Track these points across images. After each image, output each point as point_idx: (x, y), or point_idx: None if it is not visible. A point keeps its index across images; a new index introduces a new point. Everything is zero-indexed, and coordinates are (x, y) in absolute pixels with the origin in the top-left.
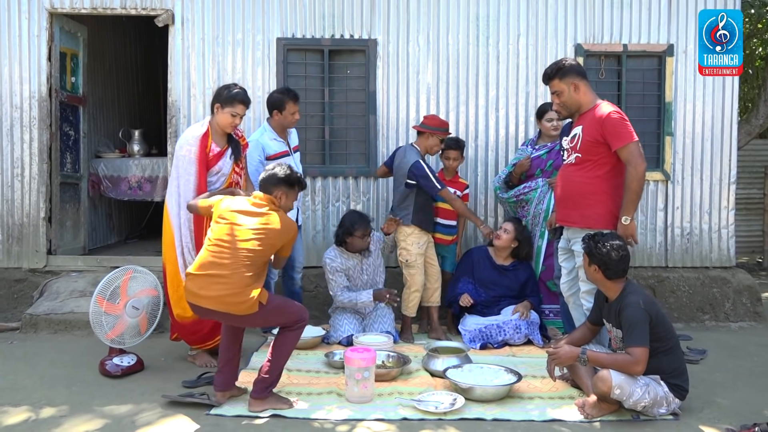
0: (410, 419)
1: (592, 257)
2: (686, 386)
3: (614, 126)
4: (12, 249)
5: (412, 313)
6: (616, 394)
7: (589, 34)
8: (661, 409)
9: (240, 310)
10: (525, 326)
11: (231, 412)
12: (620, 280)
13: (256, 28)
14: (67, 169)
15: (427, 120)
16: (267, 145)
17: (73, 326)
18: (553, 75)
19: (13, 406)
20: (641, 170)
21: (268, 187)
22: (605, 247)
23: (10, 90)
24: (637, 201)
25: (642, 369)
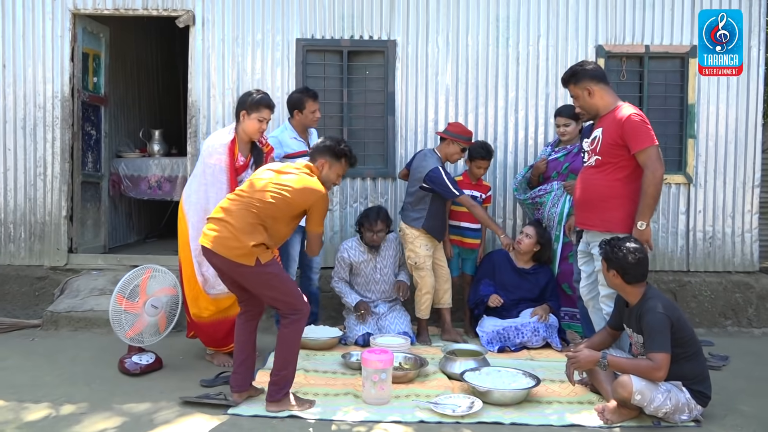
0: (427, 422)
1: (610, 262)
2: (709, 393)
3: (634, 128)
4: (34, 247)
5: (425, 315)
6: (637, 399)
7: (610, 35)
8: (682, 416)
9: (234, 255)
10: (543, 329)
11: (248, 412)
12: (640, 285)
13: (276, 28)
14: (88, 169)
15: (450, 127)
16: (286, 142)
17: (93, 324)
18: (568, 80)
19: (34, 403)
20: (659, 175)
21: (314, 154)
22: (622, 251)
23: (34, 90)
24: (654, 206)
25: (664, 375)
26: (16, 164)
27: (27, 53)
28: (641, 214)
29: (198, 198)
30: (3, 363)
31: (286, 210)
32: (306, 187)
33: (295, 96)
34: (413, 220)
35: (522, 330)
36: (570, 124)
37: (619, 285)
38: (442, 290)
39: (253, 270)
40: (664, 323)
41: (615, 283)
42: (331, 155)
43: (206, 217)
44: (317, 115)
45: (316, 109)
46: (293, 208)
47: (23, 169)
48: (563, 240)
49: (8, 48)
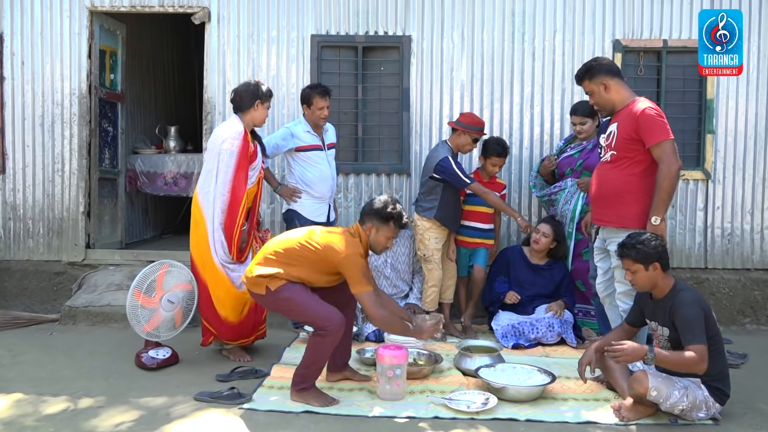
0: (442, 418)
1: (649, 257)
2: (728, 391)
3: (649, 122)
4: (52, 242)
5: (431, 307)
6: (653, 396)
7: (627, 29)
8: (700, 413)
9: (248, 284)
10: (558, 325)
11: (264, 407)
12: (670, 275)
13: (291, 25)
14: (105, 165)
15: (462, 117)
16: (299, 135)
17: (110, 319)
18: (582, 76)
19: (52, 396)
20: (674, 170)
21: (362, 217)
22: (652, 242)
23: (52, 87)
24: (669, 201)
25: (705, 367)
26: (34, 161)
27: (45, 51)
28: (655, 209)
29: (206, 186)
30: (22, 357)
31: (311, 258)
32: (329, 245)
33: (305, 91)
34: (425, 210)
35: (537, 325)
36: (586, 122)
37: (657, 277)
38: (445, 285)
39: (265, 297)
40: (700, 315)
41: (653, 276)
42: (379, 219)
43: (223, 208)
44: (325, 112)
45: (324, 106)
46: (319, 261)
47: (41, 165)
48: (576, 237)
49: (26, 45)
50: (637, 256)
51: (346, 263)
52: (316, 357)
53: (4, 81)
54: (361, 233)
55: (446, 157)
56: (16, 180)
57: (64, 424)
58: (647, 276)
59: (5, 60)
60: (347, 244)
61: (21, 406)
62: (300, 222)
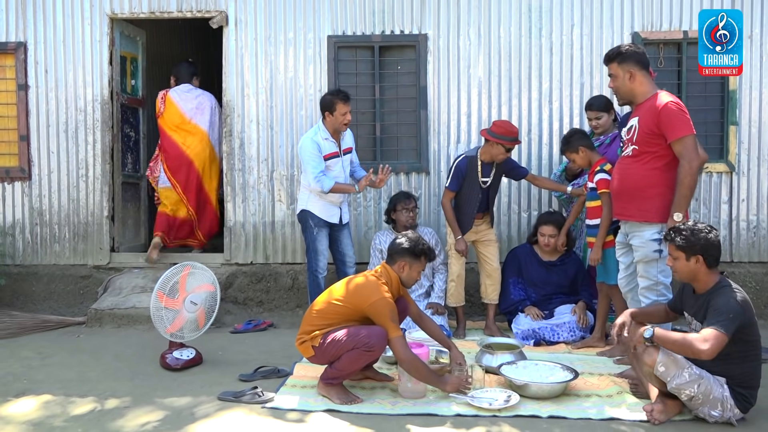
0: (464, 415)
1: (693, 248)
2: (752, 401)
3: (671, 117)
4: (78, 246)
5: (455, 302)
6: (660, 371)
7: (646, 21)
8: (713, 411)
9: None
10: (579, 328)
11: (286, 406)
12: (716, 270)
13: (308, 26)
14: (128, 170)
15: (495, 127)
16: (320, 144)
17: (135, 321)
18: (613, 58)
19: (80, 397)
20: (695, 165)
21: (393, 256)
22: (703, 233)
23: (75, 94)
24: (690, 197)
25: (709, 351)
26: (59, 166)
27: (68, 58)
28: (677, 205)
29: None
30: (50, 359)
31: (343, 312)
32: (353, 296)
33: (327, 98)
34: None
35: (558, 331)
36: (602, 116)
37: (700, 271)
38: (485, 285)
39: (317, 356)
40: (735, 309)
41: (694, 269)
42: (411, 256)
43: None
44: (348, 117)
45: (347, 111)
46: (350, 313)
47: (66, 171)
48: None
49: (50, 54)
50: (681, 242)
51: (373, 311)
52: (353, 366)
53: (28, 89)
54: (391, 273)
55: (463, 157)
56: (42, 186)
57: (92, 425)
58: (687, 267)
59: (29, 68)
60: (372, 290)
61: (50, 407)
62: (313, 221)
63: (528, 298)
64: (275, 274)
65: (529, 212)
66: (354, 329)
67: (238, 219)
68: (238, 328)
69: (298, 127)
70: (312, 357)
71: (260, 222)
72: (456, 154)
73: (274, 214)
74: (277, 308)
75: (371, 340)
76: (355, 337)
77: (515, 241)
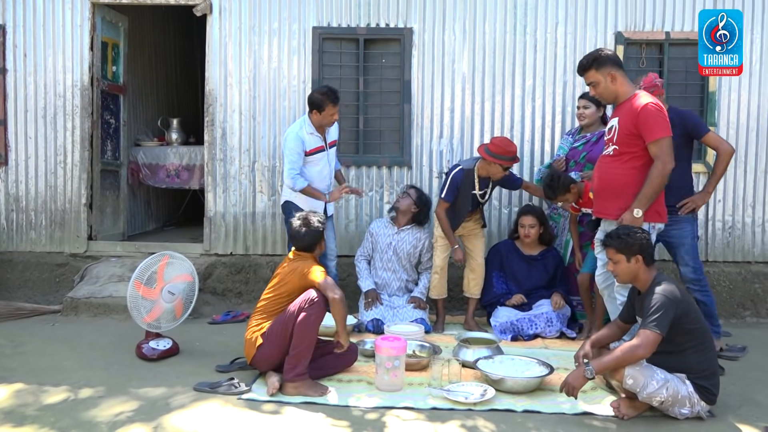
0: (440, 409)
1: (631, 249)
2: (715, 391)
3: (648, 118)
4: (54, 234)
5: (433, 295)
6: (629, 384)
7: (629, 21)
8: (683, 410)
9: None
10: (556, 318)
11: (263, 397)
12: (653, 268)
13: (292, 17)
14: (107, 157)
15: (493, 146)
16: (305, 139)
17: (112, 310)
18: (589, 66)
19: (53, 386)
20: (668, 168)
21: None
22: (637, 233)
23: (54, 79)
24: (654, 198)
25: (644, 352)
26: (36, 152)
27: (47, 43)
28: (639, 202)
29: None
30: (24, 348)
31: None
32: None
33: (317, 97)
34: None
35: (535, 321)
36: (589, 106)
37: (640, 270)
38: (467, 279)
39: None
40: (666, 304)
41: (635, 269)
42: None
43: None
44: (335, 117)
45: (335, 112)
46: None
47: (44, 157)
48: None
49: (29, 38)
50: (620, 246)
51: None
52: (308, 333)
53: (6, 73)
54: (308, 256)
55: (459, 169)
56: (19, 172)
57: (65, 414)
58: (629, 268)
59: (8, 52)
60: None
61: (22, 396)
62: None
63: (510, 292)
64: (255, 265)
65: (510, 208)
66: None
67: (219, 209)
68: (216, 319)
69: (281, 118)
70: (261, 346)
71: (241, 213)
72: (438, 149)
73: (255, 205)
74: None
75: (308, 296)
76: (295, 305)
77: (496, 237)
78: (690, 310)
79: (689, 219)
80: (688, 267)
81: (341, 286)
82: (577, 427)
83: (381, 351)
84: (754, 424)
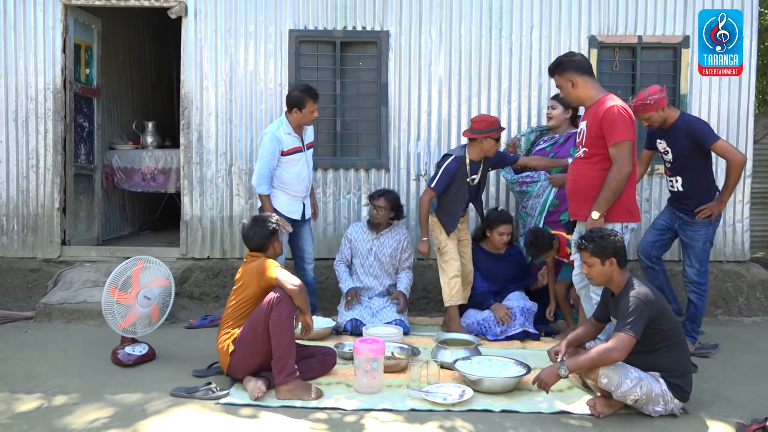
0: (418, 410)
1: (605, 251)
2: (688, 388)
3: (610, 121)
4: (27, 239)
5: (457, 301)
6: (603, 383)
7: (603, 25)
8: (657, 407)
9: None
10: (520, 313)
11: (240, 401)
12: (626, 271)
13: (269, 19)
14: (81, 161)
15: (475, 124)
16: (282, 139)
17: (86, 316)
18: (553, 71)
19: (26, 393)
20: (624, 173)
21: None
22: (611, 236)
23: (26, 81)
24: (612, 200)
25: (619, 355)
26: (8, 156)
27: (18, 44)
28: (598, 205)
29: None
30: None
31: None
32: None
33: (296, 95)
34: (433, 206)
35: None
36: (557, 107)
37: (614, 272)
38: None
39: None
40: (640, 308)
41: (609, 272)
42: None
43: None
44: (315, 114)
45: (315, 109)
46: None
47: (15, 161)
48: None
49: None
50: (594, 249)
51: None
52: (285, 330)
53: None
54: (262, 256)
55: (453, 158)
56: None
57: (38, 422)
58: (603, 270)
59: None
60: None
61: None
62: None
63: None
64: (232, 269)
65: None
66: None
67: (195, 213)
68: (193, 324)
69: (257, 121)
70: (233, 353)
71: (218, 216)
72: (416, 151)
73: (232, 209)
74: None
75: (271, 297)
76: (261, 309)
77: None
78: (663, 311)
79: (706, 223)
80: (694, 269)
81: (319, 290)
82: (554, 426)
83: (359, 353)
84: (726, 420)
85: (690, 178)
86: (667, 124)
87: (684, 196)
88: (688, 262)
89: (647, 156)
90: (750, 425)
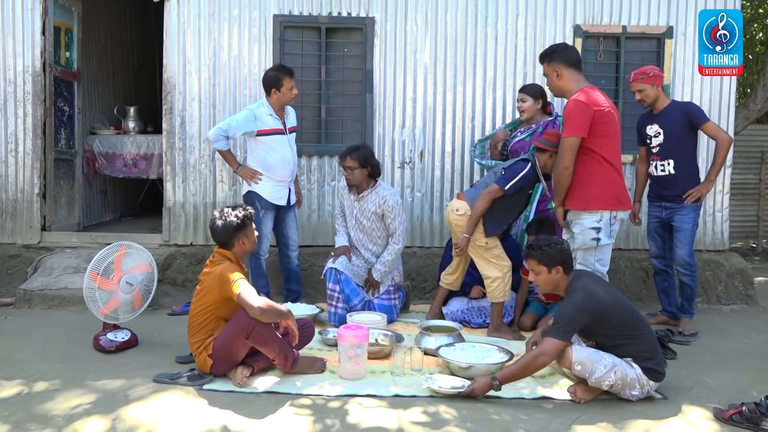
0: (402, 396)
1: (553, 260)
2: (661, 369)
3: (566, 115)
4: (6, 225)
5: (502, 298)
6: (577, 370)
7: (588, 15)
8: (633, 391)
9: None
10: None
11: (223, 387)
12: (572, 274)
13: (253, 4)
14: (61, 145)
15: (549, 136)
16: (262, 118)
17: (67, 302)
18: (543, 58)
19: (6, 380)
20: (560, 168)
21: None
22: (558, 243)
23: (4, 64)
24: (562, 192)
25: (545, 360)
26: None
27: None
28: (554, 197)
29: None
30: None
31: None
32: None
33: (271, 74)
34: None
35: (484, 310)
36: (526, 100)
37: (560, 279)
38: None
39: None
40: (570, 315)
41: (556, 279)
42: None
43: None
44: (294, 91)
45: (293, 86)
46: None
47: None
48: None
49: None
50: (541, 257)
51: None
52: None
53: None
54: (228, 254)
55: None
56: None
57: (19, 408)
58: (549, 278)
59: None
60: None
61: None
62: (260, 203)
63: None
64: None
65: None
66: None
67: (178, 199)
68: (176, 311)
69: (241, 107)
70: (213, 365)
71: (201, 202)
72: (401, 138)
73: (215, 195)
74: None
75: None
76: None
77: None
78: (609, 308)
79: (695, 207)
80: (684, 251)
81: (304, 276)
82: (537, 411)
83: (343, 340)
84: (704, 405)
85: (681, 160)
86: (658, 107)
87: (673, 181)
88: (679, 245)
89: (644, 152)
90: (727, 410)
